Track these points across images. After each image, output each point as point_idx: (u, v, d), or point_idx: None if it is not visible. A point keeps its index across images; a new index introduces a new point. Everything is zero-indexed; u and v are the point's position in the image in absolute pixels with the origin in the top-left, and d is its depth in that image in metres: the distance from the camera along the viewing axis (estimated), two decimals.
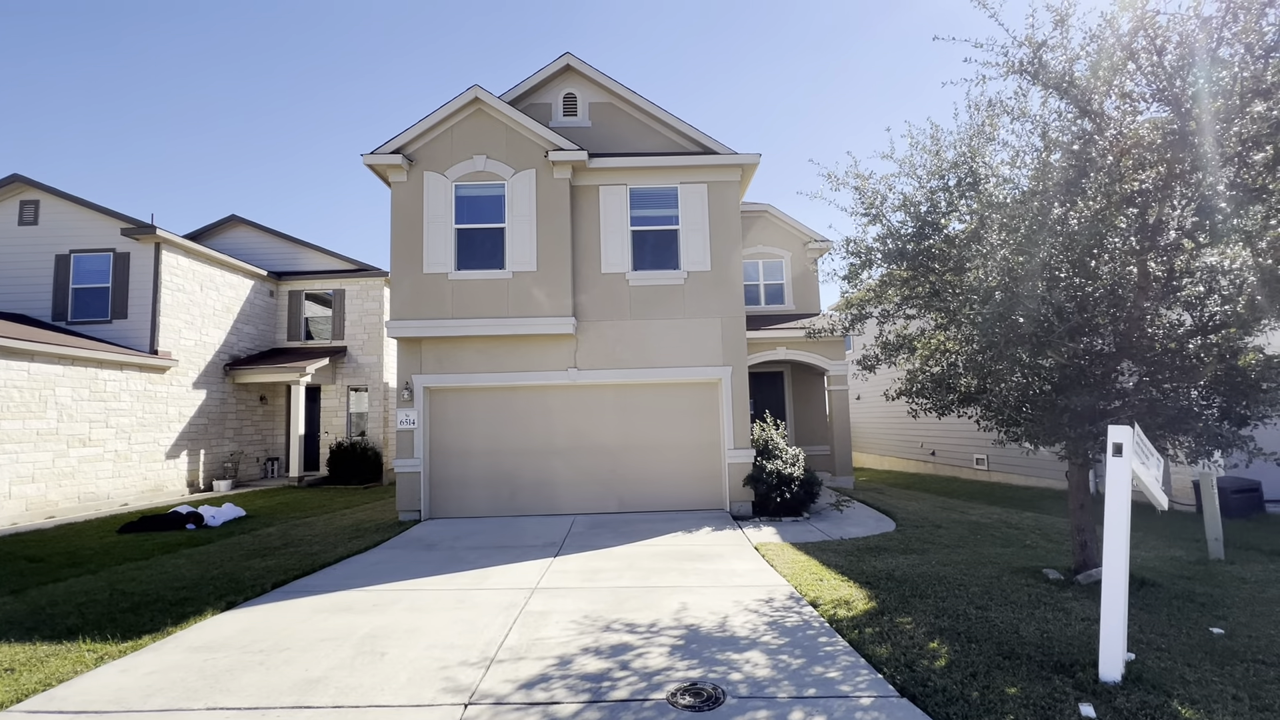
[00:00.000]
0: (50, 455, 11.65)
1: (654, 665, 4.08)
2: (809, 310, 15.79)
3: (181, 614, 5.25)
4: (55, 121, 66.04)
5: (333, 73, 75.68)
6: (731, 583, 6.12)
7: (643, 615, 5.13)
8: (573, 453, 10.34)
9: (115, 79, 62.94)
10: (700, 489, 10.35)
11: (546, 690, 3.74)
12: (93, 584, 6.41)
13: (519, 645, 4.49)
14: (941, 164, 5.93)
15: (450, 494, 10.22)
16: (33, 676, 4.02)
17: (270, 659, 4.28)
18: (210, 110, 69.15)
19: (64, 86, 62.82)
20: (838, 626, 4.71)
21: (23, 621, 5.19)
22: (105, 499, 12.71)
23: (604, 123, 11.16)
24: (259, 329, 17.63)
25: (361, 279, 18.11)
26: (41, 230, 14.18)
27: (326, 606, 5.50)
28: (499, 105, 10.19)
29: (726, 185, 10.60)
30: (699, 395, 10.51)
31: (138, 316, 14.02)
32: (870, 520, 9.48)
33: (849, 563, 6.68)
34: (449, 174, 10.20)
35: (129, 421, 13.34)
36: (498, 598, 5.68)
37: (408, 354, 10.19)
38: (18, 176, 13.99)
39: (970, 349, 5.83)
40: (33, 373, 11.37)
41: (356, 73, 77.79)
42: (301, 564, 7.08)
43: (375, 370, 17.85)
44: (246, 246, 18.12)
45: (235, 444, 16.56)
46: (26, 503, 11.15)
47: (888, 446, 19.91)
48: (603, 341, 10.31)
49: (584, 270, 10.40)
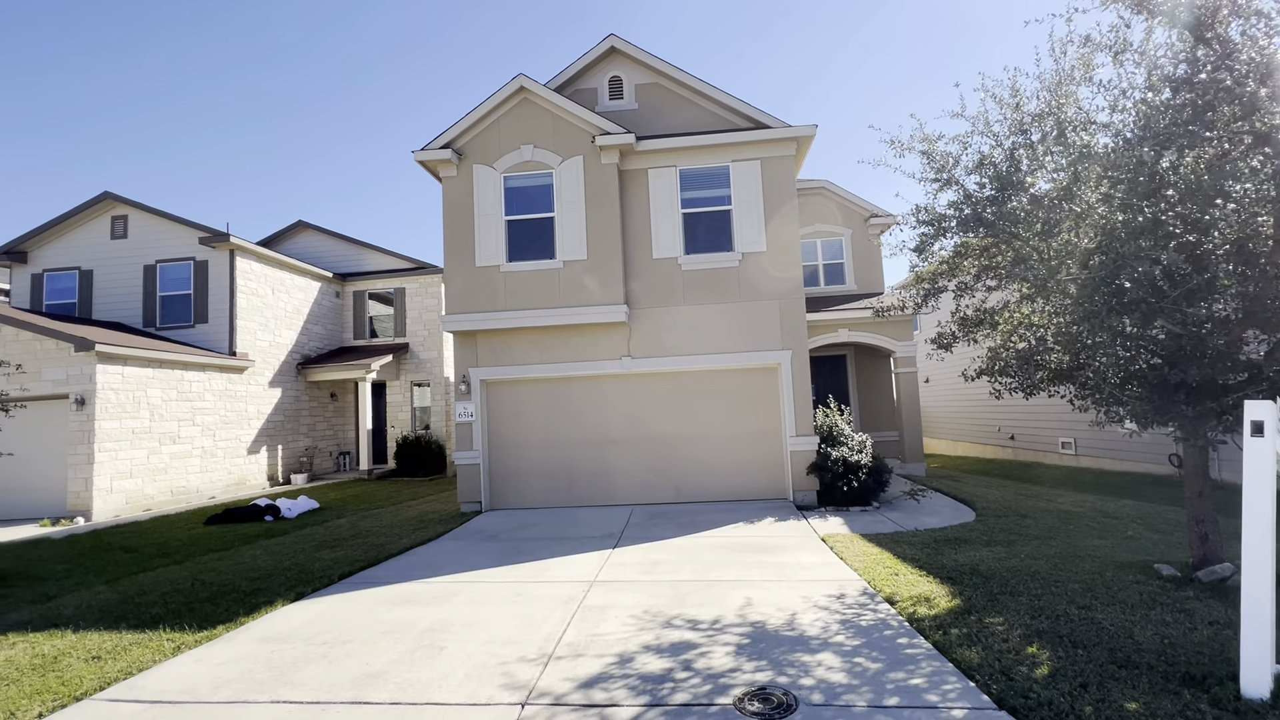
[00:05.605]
0: (145, 452, 12.48)
1: (718, 666, 3.84)
2: (872, 290, 15.02)
3: (254, 605, 5.41)
4: (120, 129, 71.28)
5: (383, 71, 78.26)
6: (798, 577, 5.80)
7: (705, 611, 4.89)
8: (628, 442, 10.18)
9: (171, 84, 67.27)
10: (761, 478, 9.98)
11: (606, 691, 3.57)
12: (178, 574, 6.74)
13: (577, 641, 4.34)
14: (1022, 117, 5.33)
15: (509, 485, 10.27)
16: (116, 665, 4.19)
17: (333, 651, 4.30)
18: (272, 112, 72.88)
19: (125, 88, 67.60)
20: (919, 626, 4.32)
21: (113, 610, 5.48)
22: (194, 492, 13.55)
23: (651, 104, 10.85)
24: (327, 329, 18.37)
25: (420, 277, 18.55)
26: (130, 243, 15.19)
27: (389, 598, 5.54)
28: (544, 93, 10.06)
29: (781, 161, 10.10)
30: (757, 381, 10.12)
31: (217, 320, 14.83)
32: (946, 510, 8.88)
33: (926, 556, 6.21)
34: (497, 166, 10.16)
35: (213, 419, 14.16)
36: (556, 591, 5.58)
37: (464, 348, 10.28)
38: (108, 194, 15.02)
39: (1062, 321, 5.24)
40: (126, 376, 12.19)
41: (408, 70, 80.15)
42: (368, 555, 7.23)
43: (436, 365, 18.28)
44: (313, 250, 18.90)
45: (309, 439, 17.36)
46: (126, 497, 12.00)
47: (960, 431, 18.81)
48: (656, 328, 10.07)
49: (635, 256, 10.17)
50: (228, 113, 69.70)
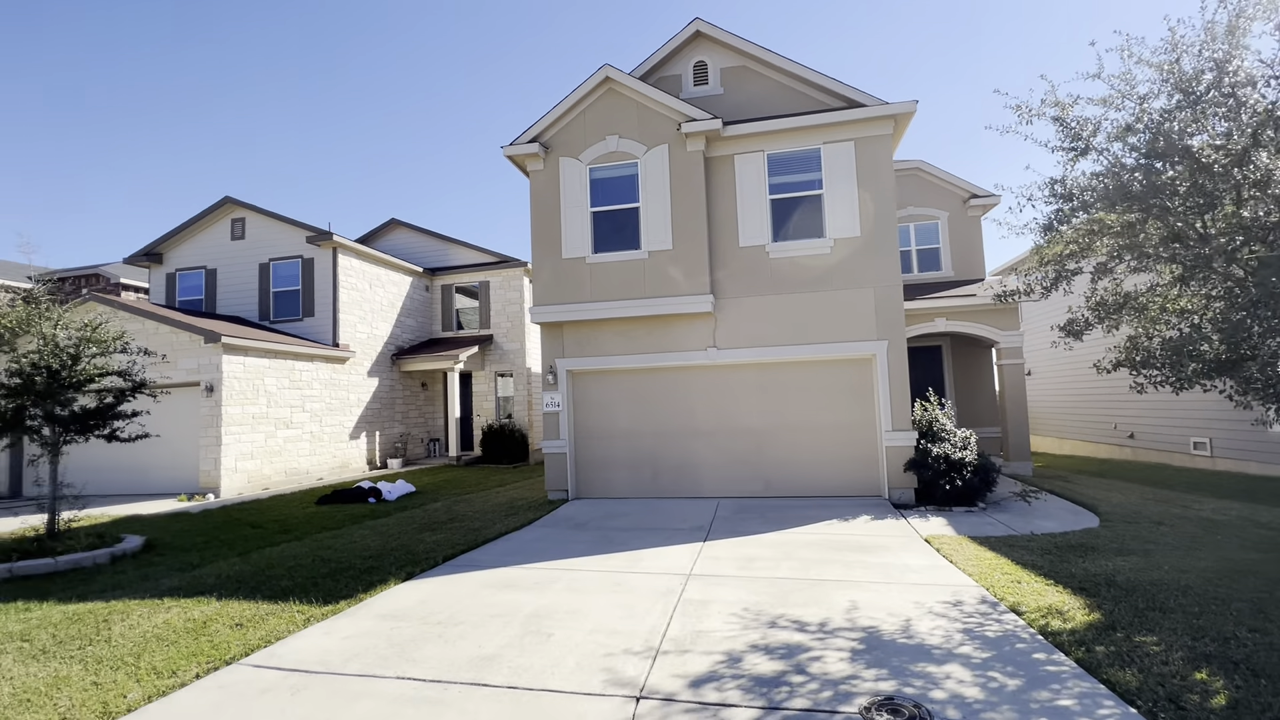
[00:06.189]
0: (263, 436, 13.57)
1: (834, 672, 3.66)
2: (971, 276, 14.06)
3: (369, 582, 5.72)
4: (231, 130, 77.61)
5: (470, 69, 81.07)
6: (906, 579, 5.49)
7: (810, 612, 4.71)
8: (715, 434, 10.04)
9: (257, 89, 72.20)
10: (853, 473, 9.58)
11: (719, 690, 3.48)
12: (299, 550, 7.25)
13: (682, 637, 4.28)
14: (1180, 74, 4.72)
15: (594, 475, 10.39)
16: (256, 632, 4.52)
17: (447, 632, 4.46)
18: (368, 117, 77.22)
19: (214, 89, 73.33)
20: (1056, 642, 3.96)
21: (248, 581, 5.95)
22: (304, 474, 14.62)
23: (737, 87, 10.56)
24: (418, 321, 19.29)
25: (503, 270, 19.10)
26: (248, 243, 16.51)
27: (492, 582, 5.70)
28: (629, 82, 10.00)
29: (877, 140, 9.57)
30: (850, 373, 9.70)
31: (322, 313, 15.88)
32: (1063, 513, 8.18)
33: (1049, 563, 5.72)
34: (582, 157, 10.22)
35: (319, 406, 15.20)
36: (653, 583, 5.55)
37: (550, 339, 10.45)
38: (229, 198, 16.38)
39: (1223, 306, 4.63)
40: (247, 365, 13.28)
41: (495, 76, 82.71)
42: (466, 539, 7.50)
43: (518, 356, 18.80)
44: (405, 246, 19.88)
45: (403, 426, 18.33)
46: (248, 476, 13.10)
47: (1068, 427, 17.36)
48: (743, 318, 9.84)
49: (721, 245, 9.97)
50: (328, 116, 74.57)
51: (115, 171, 69.53)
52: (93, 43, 57.19)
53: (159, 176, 71.88)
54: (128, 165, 69.99)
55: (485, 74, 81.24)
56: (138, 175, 70.89)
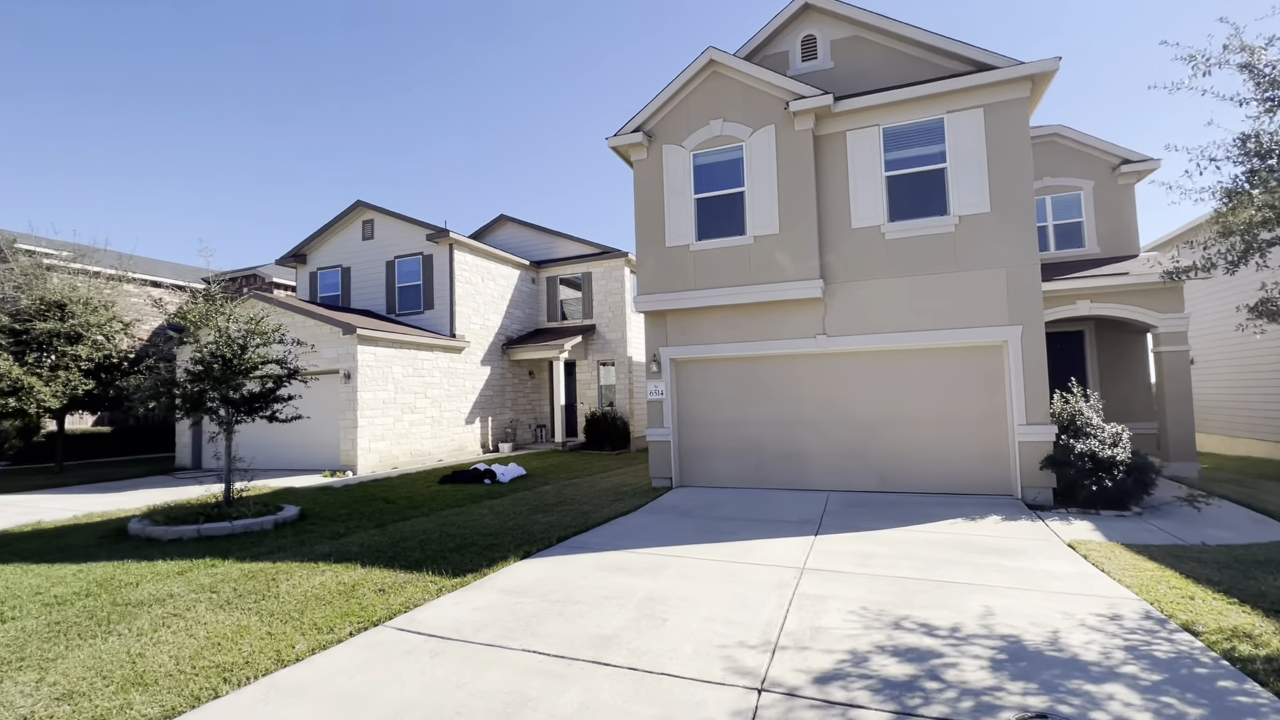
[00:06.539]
0: (391, 419, 14.80)
1: (973, 681, 3.40)
2: (1120, 252, 12.48)
3: (491, 558, 6.06)
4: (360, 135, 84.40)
5: (568, 79, 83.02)
6: (1048, 587, 4.99)
7: (939, 615, 4.40)
8: (823, 424, 9.66)
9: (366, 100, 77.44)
10: (979, 470, 8.87)
11: (845, 690, 3.34)
12: (427, 525, 7.83)
13: (800, 632, 4.16)
14: None
15: (697, 463, 10.37)
16: (397, 598, 4.94)
17: (566, 610, 4.63)
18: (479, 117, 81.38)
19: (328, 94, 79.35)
20: (1248, 670, 3.43)
21: (386, 550, 6.51)
22: (427, 455, 15.79)
23: (848, 60, 10.00)
24: (525, 312, 20.15)
25: (605, 261, 19.46)
26: (376, 242, 17.98)
27: (604, 565, 5.85)
28: (733, 63, 9.75)
29: (1011, 105, 8.69)
30: (975, 361, 8.95)
31: (440, 306, 17.01)
32: (1244, 523, 7.10)
33: (1230, 579, 4.98)
34: (686, 144, 10.12)
35: (439, 393, 16.32)
36: (765, 574, 5.44)
37: (654, 327, 10.51)
38: (360, 202, 17.90)
39: None
40: (377, 355, 14.50)
41: (597, 75, 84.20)
42: (576, 521, 7.76)
43: (620, 345, 19.13)
44: (512, 241, 20.80)
45: (512, 412, 19.27)
46: (379, 456, 14.35)
47: (1240, 424, 15.01)
48: (854, 304, 9.36)
49: (831, 227, 9.52)
50: (453, 121, 79.79)
51: (286, 178, 78.55)
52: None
53: (302, 181, 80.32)
54: (282, 170, 78.77)
55: (585, 77, 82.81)
56: (289, 180, 79.61)
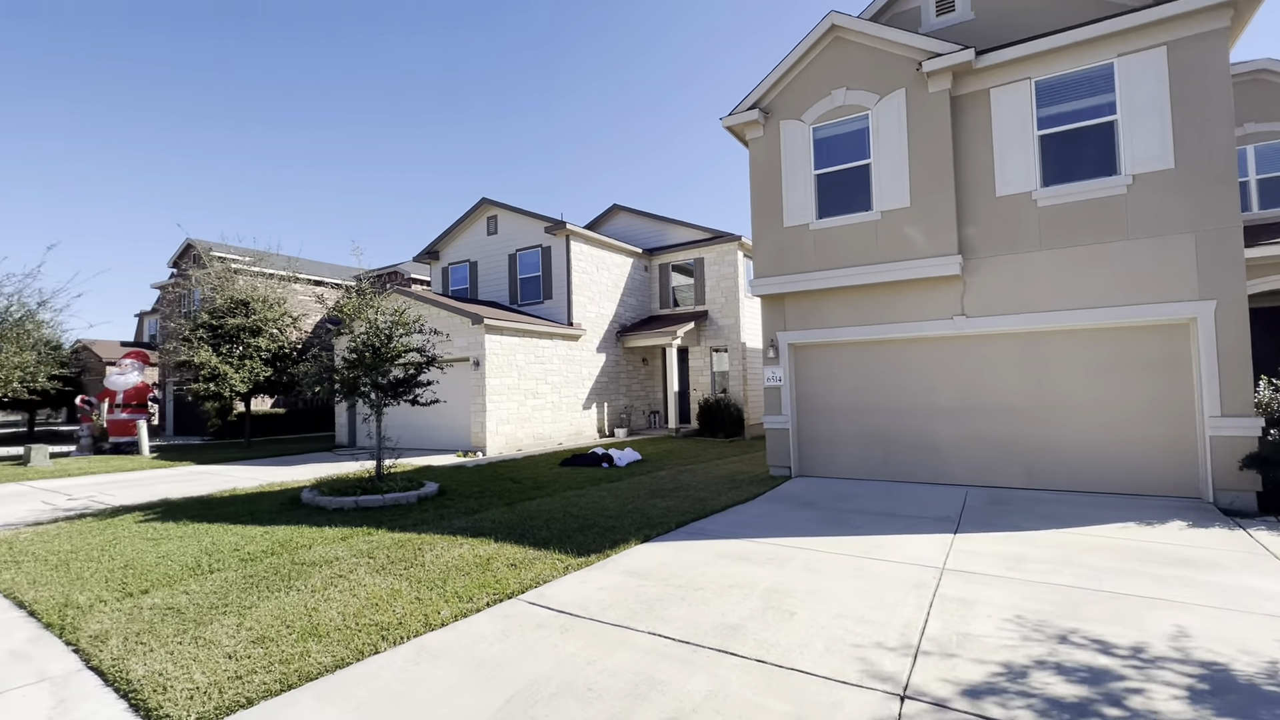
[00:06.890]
0: (515, 404, 15.65)
1: (1166, 712, 2.93)
2: None
3: (613, 540, 6.19)
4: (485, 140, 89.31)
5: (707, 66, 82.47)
6: (1259, 608, 4.21)
7: (1114, 631, 3.86)
8: (961, 413, 8.86)
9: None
10: (1155, 467, 7.69)
11: (1003, 707, 3.01)
12: (551, 505, 8.18)
13: (943, 638, 3.83)
14: None
15: (818, 452, 9.94)
16: (528, 573, 5.19)
17: (689, 596, 4.61)
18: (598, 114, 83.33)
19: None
20: None
21: (515, 528, 6.88)
22: (547, 438, 16.55)
23: (991, 10, 8.98)
24: (638, 300, 20.40)
25: (717, 246, 19.18)
26: (500, 237, 19.02)
27: (725, 552, 5.77)
28: (857, 25, 9.09)
29: (1204, 39, 7.34)
30: (1150, 341, 7.75)
31: (558, 296, 17.67)
32: None
33: None
34: (805, 117, 9.62)
35: (558, 379, 17.01)
36: (900, 572, 5.08)
37: (771, 312, 10.17)
38: (486, 199, 19.00)
39: None
40: (502, 343, 15.37)
41: (733, 62, 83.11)
42: (694, 508, 7.73)
43: (733, 331, 18.82)
44: (625, 229, 21.09)
45: (627, 398, 19.66)
46: (505, 439, 15.25)
47: None
48: (999, 280, 8.45)
49: (971, 196, 8.63)
50: (566, 125, 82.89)
51: (432, 180, 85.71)
52: None
53: (428, 182, 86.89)
54: (420, 172, 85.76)
55: (698, 69, 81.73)
56: (426, 183, 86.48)
